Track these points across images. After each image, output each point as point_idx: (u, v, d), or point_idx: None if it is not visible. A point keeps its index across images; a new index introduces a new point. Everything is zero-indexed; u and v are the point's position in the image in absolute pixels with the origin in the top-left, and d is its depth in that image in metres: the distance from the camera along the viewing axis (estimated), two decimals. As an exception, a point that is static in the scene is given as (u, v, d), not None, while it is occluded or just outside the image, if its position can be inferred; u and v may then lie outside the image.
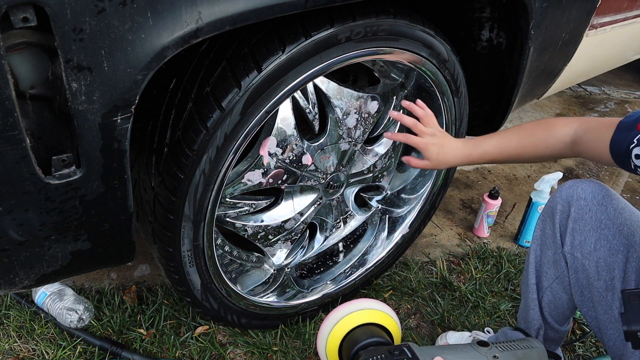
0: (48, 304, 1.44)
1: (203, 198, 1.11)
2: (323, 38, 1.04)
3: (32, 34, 0.71)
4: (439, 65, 1.32)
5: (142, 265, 1.70)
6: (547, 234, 1.23)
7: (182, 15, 0.77)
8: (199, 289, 1.28)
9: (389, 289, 1.73)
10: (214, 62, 1.03)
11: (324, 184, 1.40)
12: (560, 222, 1.19)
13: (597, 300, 1.14)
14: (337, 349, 1.07)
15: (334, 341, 1.07)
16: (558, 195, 1.20)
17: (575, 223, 1.16)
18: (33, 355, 1.39)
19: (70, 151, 0.81)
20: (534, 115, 3.14)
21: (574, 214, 1.16)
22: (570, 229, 1.16)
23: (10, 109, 0.70)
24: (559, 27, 1.46)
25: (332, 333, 1.08)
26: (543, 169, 2.62)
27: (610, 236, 1.12)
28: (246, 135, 1.07)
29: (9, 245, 0.84)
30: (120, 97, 0.78)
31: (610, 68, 2.35)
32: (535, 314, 1.30)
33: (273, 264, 1.47)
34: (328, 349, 1.08)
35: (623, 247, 1.11)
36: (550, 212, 1.21)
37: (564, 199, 1.18)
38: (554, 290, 1.24)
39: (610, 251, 1.12)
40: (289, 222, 1.40)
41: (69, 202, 0.84)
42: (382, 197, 1.65)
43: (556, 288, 1.23)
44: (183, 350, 1.45)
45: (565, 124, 1.18)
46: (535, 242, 1.27)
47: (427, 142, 1.24)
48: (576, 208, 1.15)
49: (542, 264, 1.25)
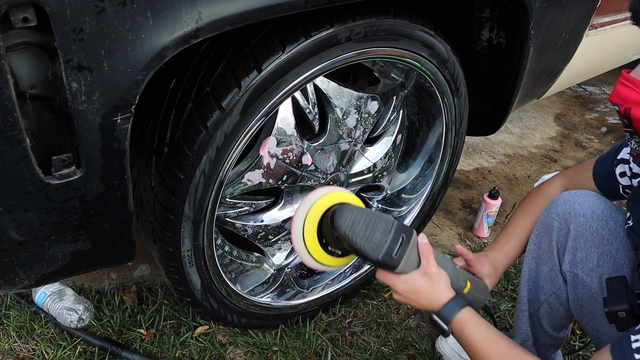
0: (48, 304, 1.44)
1: (203, 198, 1.11)
2: (323, 38, 1.04)
3: (32, 34, 0.71)
4: (439, 65, 1.32)
5: (142, 265, 1.70)
6: (543, 250, 1.20)
7: (182, 15, 0.77)
8: (199, 289, 1.28)
9: (389, 289, 1.72)
10: (214, 62, 1.03)
11: (324, 184, 1.40)
12: (557, 239, 1.15)
13: (601, 313, 1.10)
14: (315, 230, 1.03)
15: (311, 223, 1.03)
16: (554, 211, 1.16)
17: (575, 241, 1.12)
18: (33, 355, 1.39)
19: (70, 151, 0.81)
20: (533, 115, 3.14)
21: (574, 232, 1.11)
22: (570, 247, 1.12)
23: (10, 109, 0.70)
24: (559, 27, 1.45)
25: (308, 216, 1.03)
26: (543, 169, 2.62)
27: (613, 251, 1.09)
28: (246, 135, 1.07)
29: (9, 245, 0.84)
30: (120, 97, 0.78)
31: (610, 68, 2.35)
32: (522, 324, 1.29)
33: (273, 264, 1.47)
34: (307, 234, 1.03)
35: (628, 260, 1.08)
36: (546, 229, 1.18)
37: (561, 215, 1.14)
38: (551, 303, 1.22)
39: (615, 266, 1.08)
40: (289, 222, 1.40)
41: (69, 202, 0.84)
42: (382, 197, 1.65)
43: (553, 302, 1.22)
44: (183, 350, 1.45)
45: (549, 185, 1.29)
46: (530, 255, 1.24)
47: (478, 260, 1.22)
48: (575, 225, 1.11)
49: (538, 278, 1.23)
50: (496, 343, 0.95)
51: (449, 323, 0.98)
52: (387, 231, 0.96)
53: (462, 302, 0.99)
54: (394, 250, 0.96)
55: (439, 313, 0.99)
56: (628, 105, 0.84)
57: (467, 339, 0.97)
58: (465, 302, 1.00)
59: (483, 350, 0.95)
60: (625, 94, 0.84)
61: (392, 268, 0.98)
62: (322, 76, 1.16)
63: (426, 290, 0.98)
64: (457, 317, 0.97)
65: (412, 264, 0.99)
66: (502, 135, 2.86)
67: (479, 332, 0.96)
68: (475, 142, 2.75)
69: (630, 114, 0.83)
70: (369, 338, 1.57)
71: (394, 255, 0.96)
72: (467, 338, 0.96)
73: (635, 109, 0.82)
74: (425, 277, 0.99)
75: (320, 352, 1.50)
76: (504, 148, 2.76)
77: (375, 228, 0.96)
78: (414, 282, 0.99)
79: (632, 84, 0.83)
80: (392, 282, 1.00)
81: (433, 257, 1.00)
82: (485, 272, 1.20)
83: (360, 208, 0.99)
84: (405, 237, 0.97)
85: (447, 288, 1.00)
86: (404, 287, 0.99)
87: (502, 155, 2.70)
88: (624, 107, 0.85)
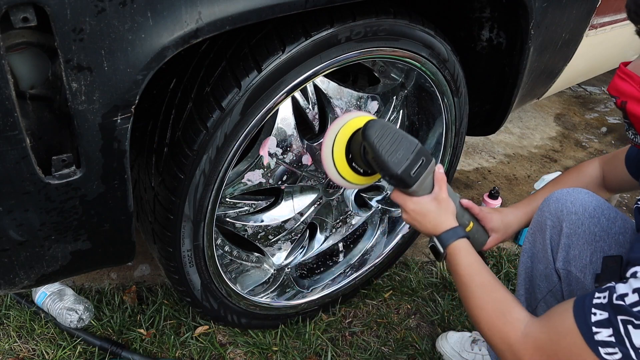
0: (48, 304, 1.44)
1: (203, 198, 1.11)
2: (323, 38, 1.04)
3: (32, 34, 0.71)
4: (439, 65, 1.32)
5: (142, 265, 1.70)
6: (538, 249, 1.20)
7: (182, 15, 0.77)
8: (199, 289, 1.28)
9: (389, 289, 1.73)
10: (214, 62, 1.03)
11: (324, 184, 1.40)
12: (551, 238, 1.16)
13: None
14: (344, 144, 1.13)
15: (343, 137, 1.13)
16: (546, 209, 1.16)
17: (568, 239, 1.12)
18: (33, 355, 1.39)
19: (70, 151, 0.81)
20: (533, 115, 3.14)
21: (566, 229, 1.12)
22: (563, 244, 1.13)
23: (10, 109, 0.70)
24: (559, 27, 1.45)
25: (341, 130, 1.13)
26: (543, 169, 2.62)
27: (606, 247, 1.08)
28: (246, 135, 1.07)
29: (9, 245, 0.84)
30: (120, 97, 0.78)
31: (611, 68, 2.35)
32: None
33: (273, 264, 1.47)
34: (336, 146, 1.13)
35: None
36: (540, 227, 1.18)
37: (553, 214, 1.14)
38: (548, 301, 1.22)
39: None
40: (289, 222, 1.40)
41: (69, 202, 0.84)
42: (382, 197, 1.65)
43: (550, 300, 1.22)
44: (183, 350, 1.45)
45: (589, 163, 1.29)
46: (526, 254, 1.23)
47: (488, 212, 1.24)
48: (568, 223, 1.12)
49: (534, 276, 1.22)
50: (480, 273, 1.00)
51: (445, 247, 1.04)
52: (410, 150, 1.04)
53: (462, 232, 1.06)
54: (413, 169, 1.04)
55: (439, 237, 1.05)
56: (624, 99, 0.84)
57: (455, 266, 1.03)
58: (466, 234, 1.06)
59: (466, 277, 1.01)
60: (622, 87, 0.84)
61: (408, 186, 1.05)
62: (322, 76, 1.16)
63: (433, 214, 1.06)
64: (453, 244, 1.04)
65: (426, 188, 1.07)
66: (502, 135, 2.86)
67: (468, 261, 1.02)
68: (475, 142, 2.75)
69: (626, 107, 0.84)
70: (369, 338, 1.57)
71: (412, 174, 1.04)
72: (456, 265, 1.03)
73: (631, 103, 0.82)
74: (435, 202, 1.06)
75: (320, 352, 1.50)
76: (504, 148, 2.76)
77: (401, 145, 1.03)
78: (424, 204, 1.06)
79: (629, 77, 0.83)
80: (404, 202, 1.08)
81: (446, 186, 1.06)
82: (493, 226, 1.23)
83: (391, 125, 1.06)
84: (425, 160, 1.05)
85: (452, 217, 1.07)
86: (413, 207, 1.07)
87: (502, 155, 2.70)
88: (620, 100, 0.85)
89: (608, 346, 0.76)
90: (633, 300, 0.73)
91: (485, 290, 0.98)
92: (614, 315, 0.75)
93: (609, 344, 0.75)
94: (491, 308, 0.95)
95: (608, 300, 0.76)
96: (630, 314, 0.73)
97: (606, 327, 0.76)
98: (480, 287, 0.98)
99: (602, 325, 0.76)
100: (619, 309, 0.74)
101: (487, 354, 1.46)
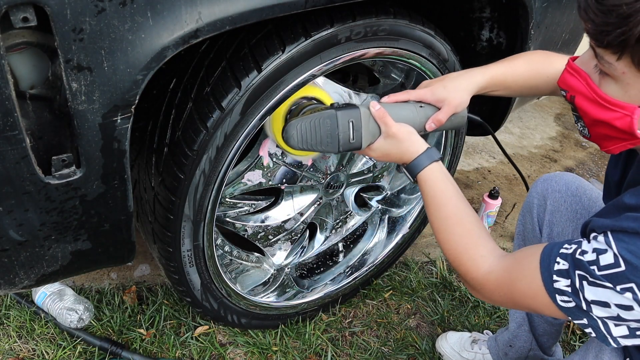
0: (48, 304, 1.44)
1: (203, 198, 1.11)
2: (323, 38, 1.04)
3: (32, 34, 0.71)
4: (439, 65, 1.32)
5: (142, 265, 1.70)
6: (528, 229, 1.26)
7: (182, 15, 0.77)
8: (199, 289, 1.28)
9: (389, 289, 1.73)
10: (214, 62, 1.03)
11: (324, 184, 1.40)
12: (538, 216, 1.22)
13: None
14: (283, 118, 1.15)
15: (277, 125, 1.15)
16: (534, 190, 1.23)
17: (552, 215, 1.19)
18: (33, 355, 1.39)
19: (70, 151, 0.81)
20: (533, 115, 3.14)
21: (550, 206, 1.19)
22: (547, 221, 1.19)
23: (10, 109, 0.70)
24: (559, 27, 1.45)
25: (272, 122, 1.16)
26: (543, 169, 2.62)
27: None
28: (246, 135, 1.07)
29: (9, 245, 0.84)
30: (120, 97, 0.78)
31: (610, 68, 2.35)
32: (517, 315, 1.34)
33: (273, 264, 1.47)
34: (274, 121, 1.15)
35: None
36: (529, 208, 1.25)
37: (540, 193, 1.21)
38: None
39: None
40: (289, 222, 1.40)
41: (69, 202, 0.84)
42: (382, 197, 1.65)
43: None
44: (183, 350, 1.45)
45: (560, 58, 1.14)
46: (519, 237, 1.30)
47: (428, 86, 1.13)
48: (552, 201, 1.19)
49: None
50: (446, 205, 0.99)
51: (415, 176, 1.03)
52: (334, 125, 1.02)
53: (432, 155, 1.02)
54: (348, 136, 1.03)
55: (407, 168, 1.05)
56: (573, 93, 0.84)
57: (424, 195, 1.02)
58: (437, 155, 1.03)
59: (432, 207, 1.01)
60: (570, 82, 0.84)
61: (358, 149, 1.06)
62: (322, 76, 1.16)
63: (394, 150, 1.04)
64: (422, 172, 1.02)
65: (375, 134, 1.05)
66: (502, 135, 2.86)
67: (434, 192, 1.01)
68: (475, 142, 2.75)
69: (575, 102, 0.84)
70: (369, 338, 1.57)
71: (351, 140, 1.03)
72: (424, 194, 1.02)
73: (579, 97, 0.83)
74: (389, 139, 1.04)
75: (320, 352, 1.50)
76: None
77: (323, 127, 1.03)
78: (380, 148, 1.05)
79: (577, 72, 0.83)
80: (367, 154, 1.08)
81: (389, 119, 1.03)
82: (438, 97, 1.10)
83: (303, 119, 1.04)
84: (353, 121, 1.03)
85: (414, 143, 1.03)
86: (375, 154, 1.07)
87: (502, 155, 2.69)
88: (570, 94, 0.85)
89: (564, 295, 0.81)
90: (591, 258, 0.78)
91: (450, 223, 0.98)
92: (573, 269, 0.80)
93: (564, 292, 0.81)
94: (456, 242, 0.97)
95: (572, 253, 0.81)
96: (587, 270, 0.78)
97: (565, 277, 0.80)
98: (445, 220, 0.99)
99: (562, 275, 0.81)
100: (579, 263, 0.79)
101: (487, 353, 1.46)
